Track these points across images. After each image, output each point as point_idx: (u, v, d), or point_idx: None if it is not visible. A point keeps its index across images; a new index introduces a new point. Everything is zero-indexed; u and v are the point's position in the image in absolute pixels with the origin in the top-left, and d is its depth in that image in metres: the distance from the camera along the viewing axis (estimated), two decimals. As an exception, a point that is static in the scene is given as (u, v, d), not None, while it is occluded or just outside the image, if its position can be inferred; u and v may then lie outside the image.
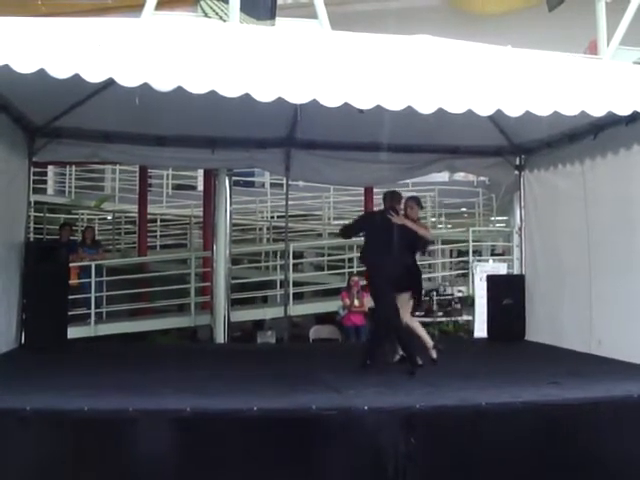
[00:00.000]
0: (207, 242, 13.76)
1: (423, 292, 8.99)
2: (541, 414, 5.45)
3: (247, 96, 5.11)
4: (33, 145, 9.10)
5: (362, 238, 8.37)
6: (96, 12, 11.29)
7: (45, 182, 19.99)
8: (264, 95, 5.16)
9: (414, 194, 9.37)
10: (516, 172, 10.61)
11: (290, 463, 5.11)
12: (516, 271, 12.32)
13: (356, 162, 10.27)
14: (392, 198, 8.01)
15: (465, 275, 15.83)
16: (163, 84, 5.15)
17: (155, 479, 5.04)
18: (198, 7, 10.27)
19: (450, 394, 5.89)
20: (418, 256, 8.46)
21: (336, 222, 18.50)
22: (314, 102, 5.23)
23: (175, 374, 6.84)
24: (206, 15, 10.10)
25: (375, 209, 9.02)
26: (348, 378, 6.62)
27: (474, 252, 16.08)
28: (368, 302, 12.86)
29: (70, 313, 10.19)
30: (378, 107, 5.32)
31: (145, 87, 5.08)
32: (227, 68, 5.23)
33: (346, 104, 5.27)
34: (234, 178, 12.98)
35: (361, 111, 5.43)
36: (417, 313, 12.46)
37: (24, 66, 4.87)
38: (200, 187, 17.82)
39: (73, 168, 19.25)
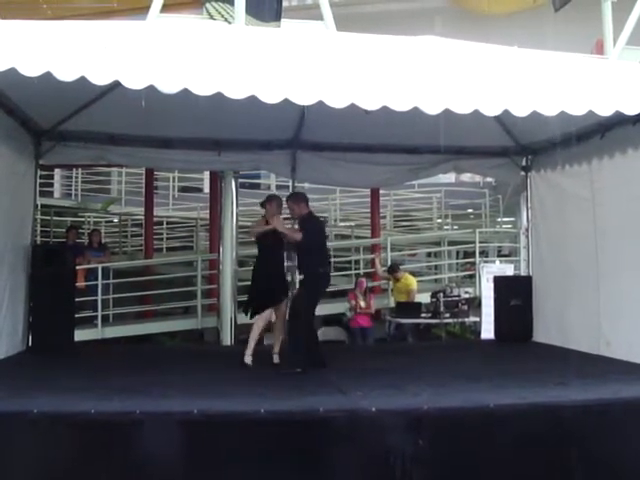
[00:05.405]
0: (213, 244, 13.81)
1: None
2: (549, 415, 5.42)
3: (253, 98, 5.10)
4: (40, 148, 9.11)
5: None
6: (101, 15, 11.34)
7: (52, 185, 20.08)
8: (270, 97, 5.15)
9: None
10: (522, 173, 10.57)
11: (298, 465, 5.09)
12: (523, 272, 12.30)
13: (362, 163, 10.23)
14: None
15: (472, 276, 15.82)
16: (169, 86, 5.14)
17: (162, 481, 5.04)
18: (203, 9, 10.32)
19: (457, 395, 5.87)
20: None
21: (342, 224, 18.53)
22: (320, 103, 5.22)
23: (182, 376, 6.83)
24: (211, 17, 10.15)
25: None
26: (355, 380, 6.61)
27: (481, 253, 16.07)
28: (374, 303, 12.91)
29: (77, 316, 10.20)
30: (384, 108, 5.31)
31: (151, 89, 5.07)
32: (233, 70, 5.22)
33: (352, 105, 5.26)
34: (240, 180, 12.98)
35: (367, 112, 5.41)
36: (423, 315, 12.55)
37: (30, 69, 4.87)
38: (206, 189, 17.85)
39: (79, 171, 19.32)
